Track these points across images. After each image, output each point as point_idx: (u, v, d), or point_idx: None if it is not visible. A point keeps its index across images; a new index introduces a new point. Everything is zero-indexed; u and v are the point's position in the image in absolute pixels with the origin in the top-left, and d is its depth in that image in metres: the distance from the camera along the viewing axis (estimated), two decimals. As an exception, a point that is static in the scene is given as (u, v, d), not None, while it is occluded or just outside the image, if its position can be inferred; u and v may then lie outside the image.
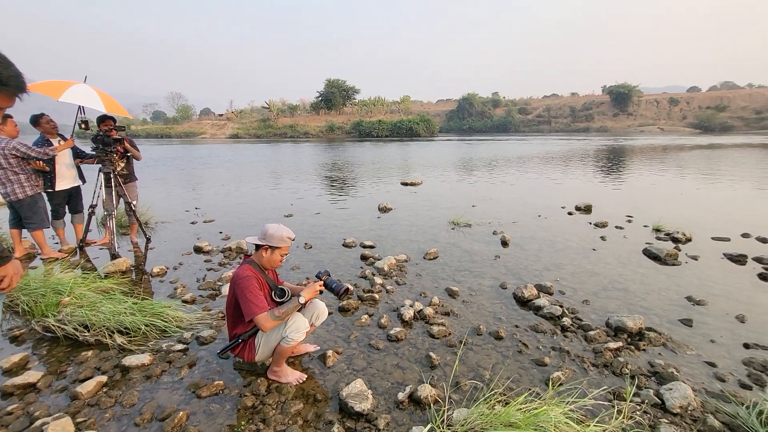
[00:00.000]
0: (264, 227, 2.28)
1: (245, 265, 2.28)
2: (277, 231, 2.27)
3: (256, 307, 2.10)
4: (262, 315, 2.10)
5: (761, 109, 56.18)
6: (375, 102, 71.40)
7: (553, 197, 8.49)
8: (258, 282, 2.22)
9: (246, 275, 2.19)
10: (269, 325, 2.12)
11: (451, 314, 3.22)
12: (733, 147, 25.48)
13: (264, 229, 2.27)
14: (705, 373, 2.44)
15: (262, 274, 2.32)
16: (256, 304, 2.11)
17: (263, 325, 2.10)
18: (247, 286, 2.15)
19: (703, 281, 3.86)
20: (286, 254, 2.42)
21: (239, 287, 2.15)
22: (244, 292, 2.13)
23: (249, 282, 2.17)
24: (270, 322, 2.12)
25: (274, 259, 2.32)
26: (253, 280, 2.19)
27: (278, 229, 2.28)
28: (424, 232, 5.74)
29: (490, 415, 1.81)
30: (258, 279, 2.24)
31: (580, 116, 65.11)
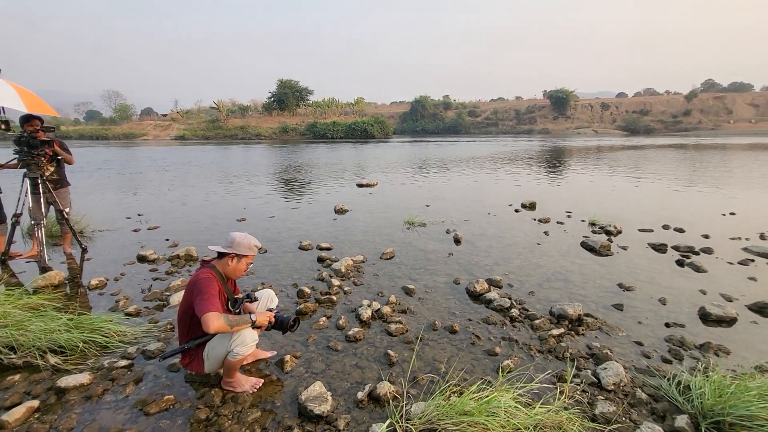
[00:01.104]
0: (230, 235, 2.25)
1: (206, 269, 2.21)
2: (244, 239, 2.25)
3: (211, 304, 2.02)
4: (213, 313, 1.99)
5: (676, 113, 62.96)
6: (329, 103, 70.66)
7: (501, 196, 8.94)
8: (218, 287, 2.16)
9: (207, 276, 2.13)
10: (216, 325, 1.97)
11: (408, 312, 3.30)
12: (654, 147, 28.29)
13: (231, 237, 2.24)
14: (634, 352, 2.71)
15: (223, 282, 2.25)
16: (211, 302, 2.03)
17: (210, 324, 1.95)
18: (207, 286, 2.08)
19: (631, 269, 4.27)
20: (251, 263, 2.38)
21: (198, 287, 2.07)
22: (202, 290, 2.05)
23: (209, 283, 2.10)
24: (219, 322, 1.98)
25: (239, 269, 2.28)
26: (213, 282, 2.12)
27: (245, 237, 2.26)
28: (381, 233, 5.81)
29: (446, 406, 1.89)
30: (218, 284, 2.18)
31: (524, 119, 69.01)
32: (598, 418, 2.04)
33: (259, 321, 2.19)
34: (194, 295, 2.07)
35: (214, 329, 1.97)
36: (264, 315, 2.24)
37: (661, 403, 2.18)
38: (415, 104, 72.84)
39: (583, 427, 1.86)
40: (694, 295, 3.59)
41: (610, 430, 1.93)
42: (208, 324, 1.96)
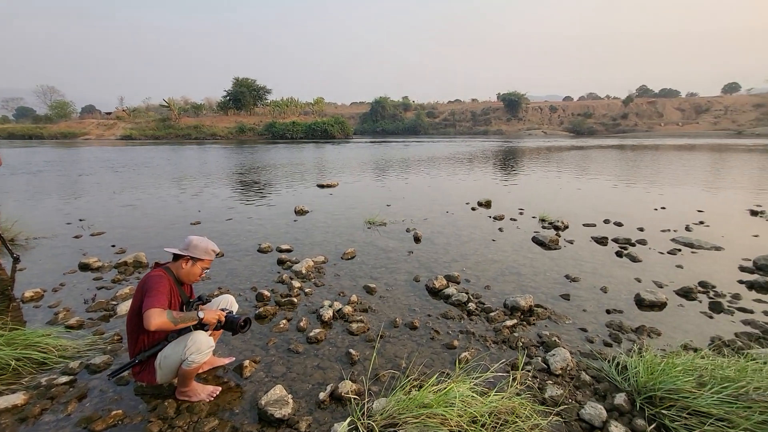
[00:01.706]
0: (187, 238, 2.20)
1: (158, 269, 2.11)
2: (201, 242, 2.19)
3: (156, 301, 1.92)
4: (155, 309, 1.89)
5: (615, 116, 68.07)
6: (288, 103, 68.99)
7: (459, 194, 9.22)
8: (170, 287, 2.07)
9: (159, 275, 2.04)
10: (158, 322, 1.87)
11: (369, 310, 3.33)
12: (596, 148, 30.36)
13: (188, 240, 2.19)
14: (579, 338, 2.92)
15: (177, 285, 2.17)
16: (157, 298, 1.93)
17: (152, 320, 1.85)
18: (157, 284, 1.99)
19: (577, 261, 4.58)
20: (208, 269, 2.31)
21: (146, 285, 1.98)
22: (150, 288, 1.96)
23: (159, 281, 2.01)
24: (160, 319, 1.88)
25: (194, 272, 2.20)
26: (164, 281, 2.03)
27: (203, 240, 2.21)
28: (341, 233, 5.80)
29: (406, 401, 1.94)
30: (171, 285, 2.09)
31: (480, 120, 71.46)
32: (547, 401, 2.18)
33: (207, 318, 2.09)
34: (143, 294, 1.97)
35: (155, 326, 1.86)
36: (213, 312, 2.14)
37: (602, 383, 2.36)
38: (375, 105, 73.06)
39: (534, 411, 1.98)
40: (630, 283, 3.92)
41: (557, 411, 2.08)
42: (149, 320, 1.85)
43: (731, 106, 66.87)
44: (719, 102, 69.40)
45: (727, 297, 3.60)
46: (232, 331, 2.19)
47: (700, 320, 3.20)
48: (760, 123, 58.54)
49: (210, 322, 2.11)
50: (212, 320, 2.12)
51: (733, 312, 3.32)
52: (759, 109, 63.38)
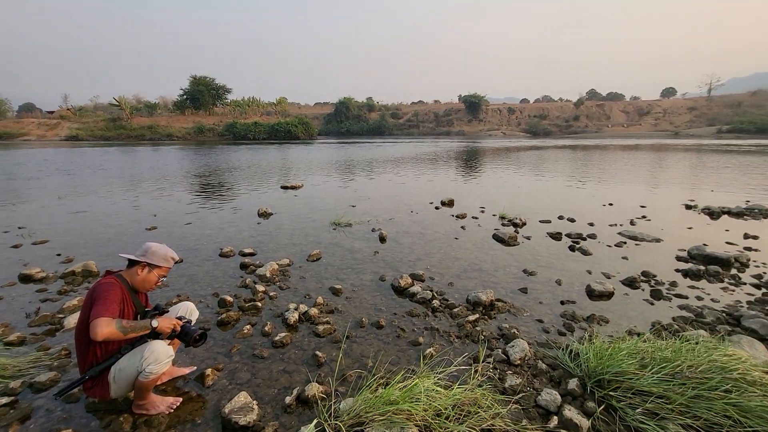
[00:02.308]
0: (146, 244, 2.12)
1: (110, 276, 2.01)
2: (160, 249, 2.12)
3: (105, 309, 1.82)
4: (103, 318, 1.78)
5: (568, 118, 71.99)
6: (249, 103, 66.95)
7: (423, 194, 9.38)
8: (122, 295, 1.97)
9: (110, 282, 1.94)
10: (106, 332, 1.76)
11: (335, 311, 3.33)
12: (551, 148, 31.96)
13: (146, 246, 2.10)
14: (536, 329, 3.08)
15: (131, 293, 2.07)
16: (106, 307, 1.83)
17: (99, 329, 1.74)
18: (107, 291, 1.89)
19: (534, 256, 4.82)
20: (165, 277, 2.22)
21: (96, 293, 1.88)
22: (100, 296, 1.86)
23: (110, 288, 1.91)
24: (109, 329, 1.77)
25: (150, 280, 2.11)
26: (116, 289, 1.93)
27: (162, 247, 2.13)
28: (307, 235, 5.74)
29: (373, 399, 1.97)
30: (123, 293, 1.99)
31: (442, 121, 73.00)
32: (507, 390, 2.29)
33: (161, 327, 1.99)
34: (92, 303, 1.87)
35: (102, 336, 1.75)
36: (168, 321, 2.04)
37: (557, 370, 2.51)
38: (339, 105, 72.62)
39: (494, 401, 2.07)
40: (582, 275, 4.18)
41: (516, 399, 2.19)
42: (95, 330, 1.74)
43: (669, 109, 72.64)
44: (659, 105, 75.19)
45: (666, 285, 3.93)
46: (185, 342, 2.11)
47: (643, 307, 3.48)
48: (693, 124, 64.02)
49: (164, 332, 2.02)
50: (166, 329, 2.02)
51: (670, 298, 3.63)
52: (692, 111, 69.29)
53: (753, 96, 69.14)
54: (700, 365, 2.21)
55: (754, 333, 2.91)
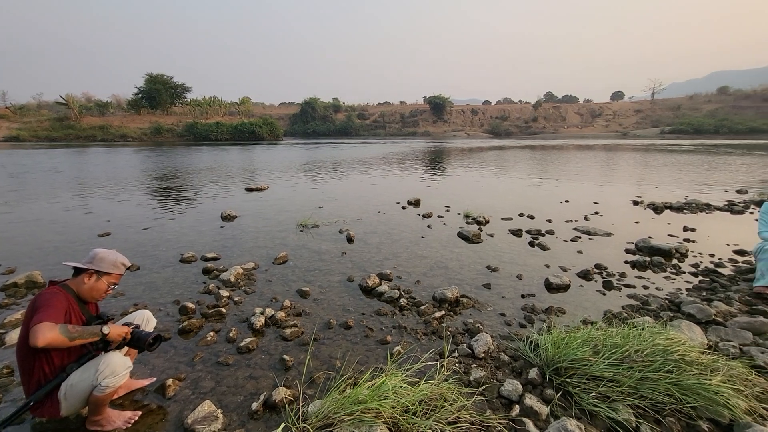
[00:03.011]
0: (93, 251, 2.02)
1: (54, 286, 1.88)
2: (109, 255, 2.01)
3: (46, 315, 1.70)
4: (45, 323, 1.66)
5: (527, 119, 75.09)
6: (211, 102, 64.37)
7: (389, 194, 9.46)
8: (68, 304, 1.85)
9: (53, 291, 1.82)
10: (49, 337, 1.64)
11: (303, 314, 3.30)
12: (512, 148, 33.16)
13: (93, 253, 2.00)
14: (499, 322, 3.20)
15: (78, 302, 1.94)
16: (47, 314, 1.71)
17: (39, 335, 1.62)
18: (49, 299, 1.77)
19: (497, 252, 5.00)
20: (115, 285, 2.10)
21: (37, 303, 1.75)
22: (42, 305, 1.74)
23: (53, 297, 1.79)
24: (51, 334, 1.64)
25: (99, 288, 1.99)
26: (60, 297, 1.81)
27: (111, 253, 2.03)
28: (273, 237, 5.64)
29: (341, 400, 1.98)
30: (69, 302, 1.87)
31: (408, 122, 73.82)
32: (472, 383, 2.37)
33: (113, 334, 1.88)
34: (33, 313, 1.74)
35: (43, 341, 1.63)
36: (119, 328, 1.94)
37: (519, 361, 2.62)
38: (305, 106, 71.53)
39: (460, 394, 2.14)
40: (541, 269, 4.38)
41: (481, 391, 2.27)
42: (36, 335, 1.62)
43: (618, 112, 77.41)
44: (609, 108, 79.95)
45: (616, 276, 4.20)
46: (139, 348, 2.02)
47: (596, 297, 3.70)
48: (639, 126, 68.61)
49: (115, 340, 1.92)
50: (118, 336, 1.92)
51: (620, 288, 3.89)
52: (638, 114, 74.25)
53: (690, 100, 75.37)
54: (645, 349, 2.39)
55: (692, 317, 3.18)
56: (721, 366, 2.28)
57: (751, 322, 2.98)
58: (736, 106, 66.16)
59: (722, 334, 2.91)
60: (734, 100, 69.38)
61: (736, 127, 55.06)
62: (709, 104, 70.40)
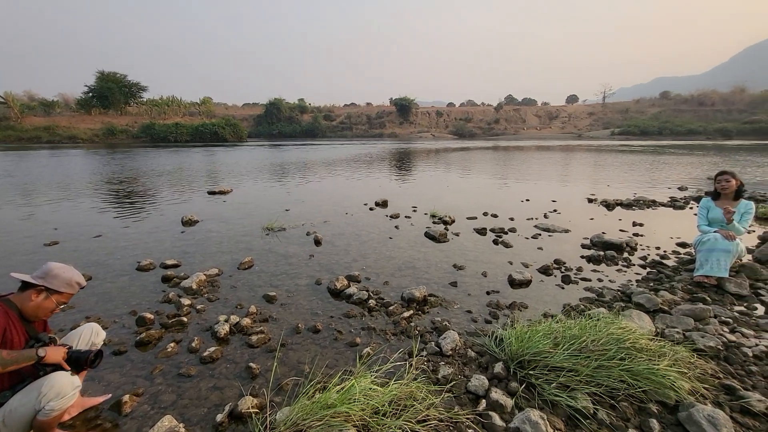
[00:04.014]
0: (46, 264, 1.84)
1: None
2: (64, 272, 1.84)
3: None
4: None
5: (490, 121, 77.50)
6: (169, 102, 61.38)
7: (357, 195, 9.44)
8: (7, 321, 1.70)
9: None
10: None
11: (270, 320, 3.23)
12: (476, 149, 34.08)
13: (46, 267, 1.82)
14: (465, 319, 3.28)
15: (21, 320, 1.79)
16: None
17: None
18: None
19: (462, 251, 5.12)
20: (65, 303, 1.94)
21: None
22: None
23: None
24: None
25: (45, 307, 1.83)
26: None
27: (67, 270, 1.86)
28: (237, 242, 5.47)
29: (310, 405, 1.95)
30: (9, 319, 1.72)
31: (375, 123, 74.00)
32: (441, 380, 2.41)
33: (50, 357, 1.76)
34: None
35: None
36: (57, 350, 1.81)
37: (485, 356, 2.70)
38: (269, 107, 69.81)
39: (428, 392, 2.18)
40: (504, 266, 4.53)
41: (449, 388, 2.31)
42: None
43: (573, 114, 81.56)
44: (564, 110, 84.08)
45: (574, 270, 4.42)
46: (77, 368, 1.88)
47: (556, 291, 3.88)
48: (592, 128, 72.60)
49: (54, 361, 1.78)
50: (56, 359, 1.79)
51: (577, 282, 4.10)
52: (591, 116, 78.61)
53: (636, 103, 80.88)
54: (600, 339, 2.53)
55: (641, 307, 3.41)
56: (667, 351, 2.45)
57: (693, 309, 3.23)
58: (676, 109, 71.72)
59: (668, 321, 3.13)
60: (675, 104, 75.19)
61: (676, 129, 59.60)
62: (653, 108, 75.82)
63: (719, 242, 3.84)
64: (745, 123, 57.19)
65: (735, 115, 63.87)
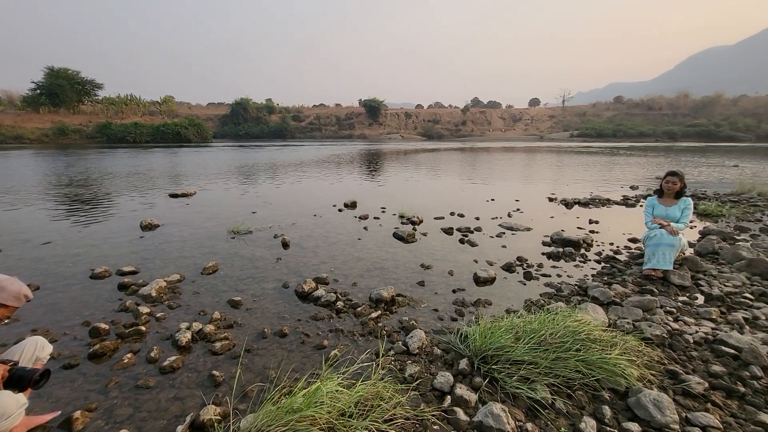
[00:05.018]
0: None
1: None
2: (11, 284, 1.72)
3: None
4: None
5: (457, 123, 79.25)
6: (127, 101, 58.21)
7: (326, 197, 9.38)
8: None
9: None
10: None
11: (235, 325, 3.15)
12: (444, 150, 34.74)
13: None
14: (432, 318, 3.35)
15: None
16: None
17: None
18: None
19: (430, 251, 5.21)
20: (8, 317, 1.81)
21: None
22: None
23: None
24: None
25: None
26: None
27: (13, 282, 1.74)
28: (201, 246, 5.29)
29: (275, 411, 1.93)
30: None
31: (344, 124, 73.71)
32: (407, 379, 2.45)
33: None
34: None
35: None
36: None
37: (450, 353, 2.76)
38: (236, 107, 67.78)
39: (396, 391, 2.20)
40: (470, 265, 4.66)
41: (415, 386, 2.35)
42: None
43: (535, 117, 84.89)
44: (528, 113, 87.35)
45: (535, 267, 4.61)
46: (19, 387, 1.75)
47: (518, 288, 4.03)
48: (553, 130, 75.87)
49: None
50: None
51: (538, 278, 4.28)
52: (552, 119, 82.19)
53: (593, 107, 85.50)
54: (558, 332, 2.66)
55: (596, 300, 3.60)
56: (618, 341, 2.61)
57: (641, 300, 3.46)
58: (628, 113, 76.31)
59: (619, 312, 3.34)
60: (627, 108, 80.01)
61: (629, 132, 63.42)
62: (608, 111, 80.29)
63: (664, 237, 4.13)
64: (689, 126, 61.80)
65: (680, 118, 68.84)
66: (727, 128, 59.97)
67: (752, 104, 71.11)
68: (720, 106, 72.11)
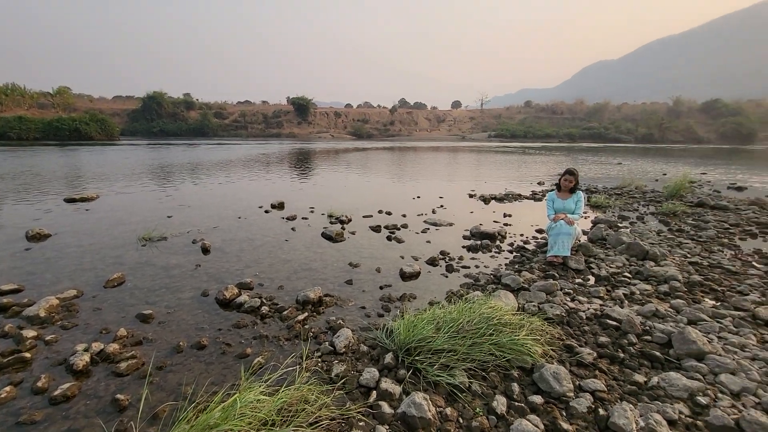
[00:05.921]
0: None
1: None
2: None
3: None
4: None
5: (386, 123, 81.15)
6: (8, 91, 49.15)
7: (251, 198, 8.95)
8: None
9: None
10: None
11: (144, 341, 2.88)
12: (373, 150, 35.20)
13: None
14: (359, 316, 3.39)
15: None
16: None
17: None
18: None
19: (358, 249, 5.26)
20: None
21: None
22: None
23: None
24: None
25: None
26: None
27: None
28: (104, 256, 4.72)
29: (189, 429, 1.81)
30: None
31: (272, 123, 70.75)
32: (334, 379, 2.45)
33: None
34: None
35: None
36: None
37: (377, 349, 2.83)
38: (148, 101, 60.95)
39: (321, 392, 2.20)
40: (396, 261, 4.80)
41: (341, 385, 2.37)
42: None
43: (457, 118, 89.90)
44: (450, 114, 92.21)
45: (456, 260, 4.91)
46: None
47: (441, 280, 4.26)
48: (473, 130, 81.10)
49: None
50: None
51: (459, 270, 4.56)
52: (472, 120, 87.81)
53: (507, 110, 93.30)
54: (474, 319, 2.86)
55: (508, 287, 3.95)
56: (525, 323, 2.89)
57: (545, 284, 3.87)
58: (537, 116, 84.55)
59: (527, 297, 3.70)
60: (535, 111, 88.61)
61: (537, 133, 70.32)
62: (520, 114, 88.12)
63: (563, 227, 4.67)
64: (584, 129, 70.46)
65: (577, 122, 78.07)
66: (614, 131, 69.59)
67: (632, 111, 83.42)
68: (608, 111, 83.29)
